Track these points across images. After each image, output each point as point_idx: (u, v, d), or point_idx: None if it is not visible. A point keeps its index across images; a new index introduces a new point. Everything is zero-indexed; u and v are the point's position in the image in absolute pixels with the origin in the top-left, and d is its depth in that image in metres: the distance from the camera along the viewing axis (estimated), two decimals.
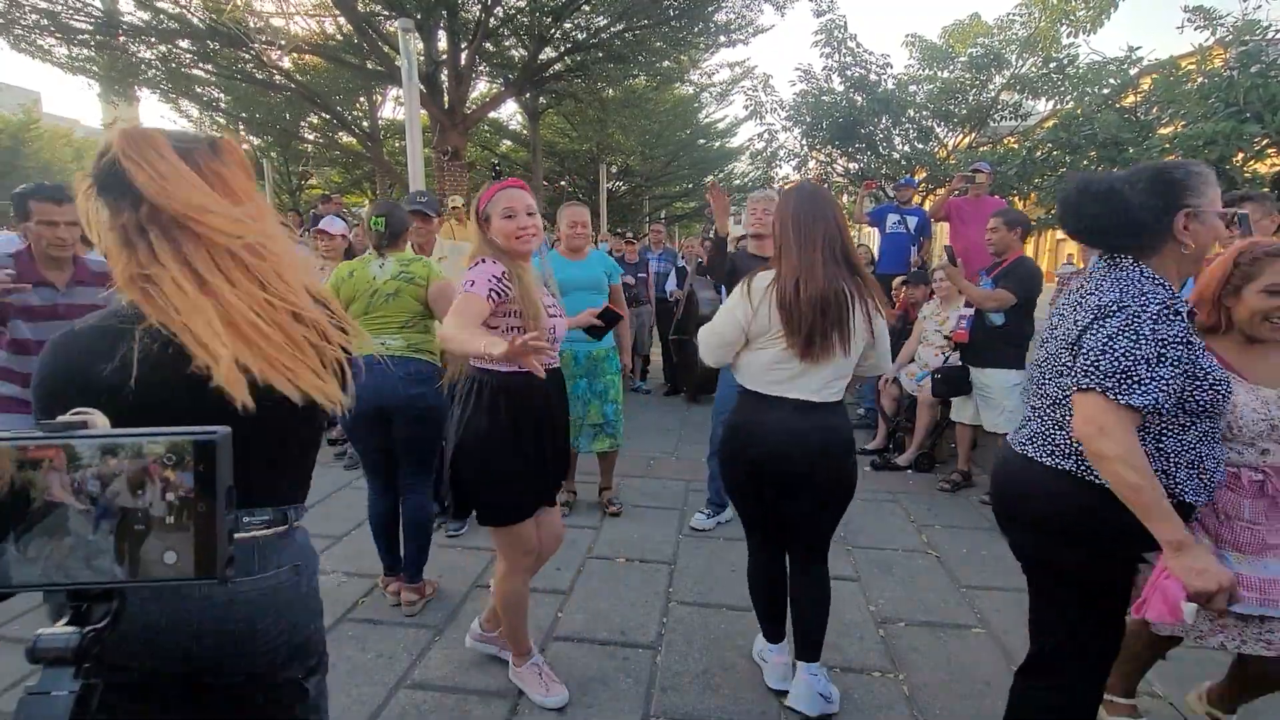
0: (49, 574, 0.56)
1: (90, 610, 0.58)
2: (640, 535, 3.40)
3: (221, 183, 0.94)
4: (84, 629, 0.57)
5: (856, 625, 2.61)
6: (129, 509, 0.55)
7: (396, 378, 2.58)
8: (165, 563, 0.56)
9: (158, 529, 0.55)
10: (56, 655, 0.55)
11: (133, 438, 0.56)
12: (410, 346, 2.67)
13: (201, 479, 0.56)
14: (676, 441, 5.06)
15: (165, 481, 0.55)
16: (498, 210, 1.91)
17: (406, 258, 2.74)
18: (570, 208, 3.55)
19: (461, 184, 10.53)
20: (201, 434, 0.56)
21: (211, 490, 0.56)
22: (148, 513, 0.55)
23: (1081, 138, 5.85)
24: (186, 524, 0.56)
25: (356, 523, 3.53)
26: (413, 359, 2.65)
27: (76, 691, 0.54)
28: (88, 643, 0.56)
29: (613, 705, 2.14)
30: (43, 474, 0.55)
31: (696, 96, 20.70)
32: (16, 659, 2.22)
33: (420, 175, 6.20)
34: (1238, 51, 5.22)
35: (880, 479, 4.31)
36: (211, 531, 0.56)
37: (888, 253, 6.25)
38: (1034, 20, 9.16)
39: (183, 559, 0.56)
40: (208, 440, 0.56)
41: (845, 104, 9.76)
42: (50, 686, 0.54)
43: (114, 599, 0.59)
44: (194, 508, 0.56)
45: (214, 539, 0.56)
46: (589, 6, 10.62)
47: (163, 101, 13.47)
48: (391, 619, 2.63)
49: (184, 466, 0.56)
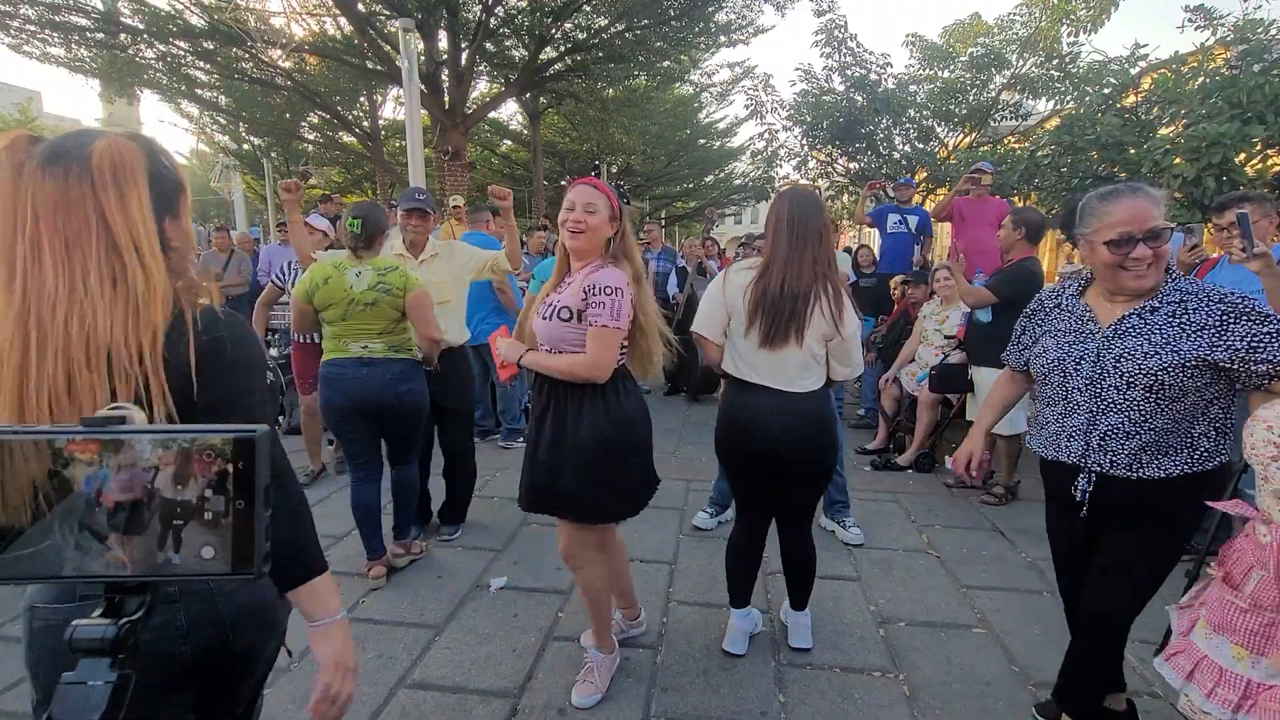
0: (88, 566, 0.57)
1: (124, 602, 0.59)
2: (640, 535, 3.40)
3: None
4: (119, 620, 0.58)
5: (856, 625, 2.61)
6: (168, 503, 0.56)
7: (384, 379, 2.74)
8: (203, 557, 0.56)
9: (196, 524, 0.56)
10: (93, 645, 0.56)
11: (173, 433, 0.57)
12: (391, 348, 2.79)
13: (241, 476, 0.56)
14: (677, 441, 5.06)
15: (205, 477, 0.56)
16: (564, 205, 1.97)
17: (383, 266, 2.75)
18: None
19: (462, 184, 10.54)
20: (241, 431, 0.57)
21: (250, 487, 0.57)
22: (187, 507, 0.56)
23: (1083, 140, 5.84)
24: (225, 519, 0.56)
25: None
26: (396, 360, 2.79)
27: (113, 681, 0.55)
28: (123, 634, 0.57)
29: (613, 705, 2.14)
30: (82, 468, 0.56)
31: (697, 96, 20.68)
32: (18, 659, 2.23)
33: (421, 175, 6.21)
34: (1239, 50, 5.22)
35: (880, 479, 4.31)
36: (249, 527, 0.57)
37: (888, 252, 6.25)
38: (1034, 20, 9.16)
39: (219, 554, 0.56)
40: (247, 437, 0.57)
41: (845, 104, 9.76)
42: (87, 676, 0.55)
43: (147, 592, 0.60)
44: (233, 504, 0.56)
45: (252, 535, 0.57)
46: (589, 6, 10.61)
47: (163, 101, 13.48)
48: (392, 619, 2.63)
49: (224, 463, 0.56)
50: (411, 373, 2.83)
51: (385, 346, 2.76)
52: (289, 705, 2.12)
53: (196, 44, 10.39)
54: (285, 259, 6.50)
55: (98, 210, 0.89)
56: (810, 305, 2.04)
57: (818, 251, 2.06)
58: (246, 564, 0.57)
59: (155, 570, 0.57)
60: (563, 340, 1.93)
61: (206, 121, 16.11)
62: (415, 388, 2.83)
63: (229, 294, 6.97)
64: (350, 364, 2.73)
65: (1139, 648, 2.29)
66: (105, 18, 9.57)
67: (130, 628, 0.58)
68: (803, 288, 2.04)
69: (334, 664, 1.05)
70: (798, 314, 2.04)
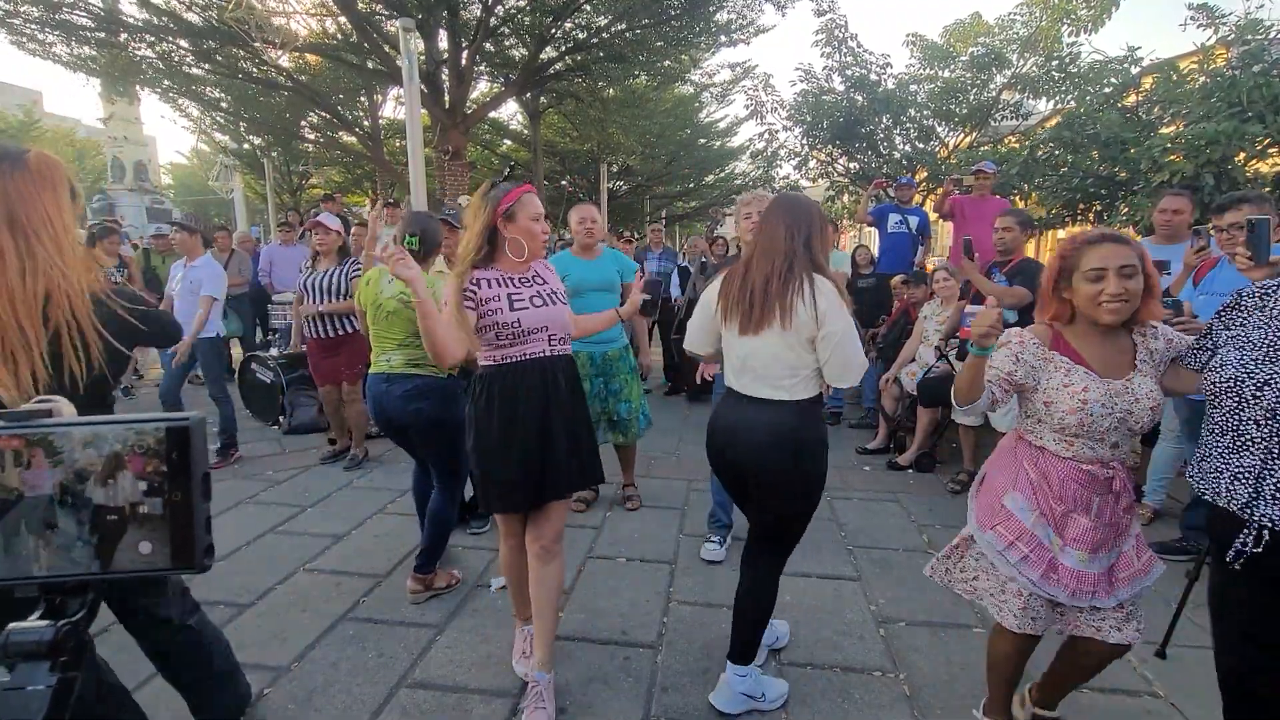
0: (21, 568, 0.54)
1: (64, 603, 0.57)
2: (641, 535, 3.40)
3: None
4: (59, 622, 0.56)
5: (856, 625, 2.61)
6: (101, 499, 0.53)
7: (395, 396, 2.70)
8: (141, 553, 0.54)
9: (132, 519, 0.54)
10: (30, 649, 0.54)
11: (103, 425, 0.54)
12: (409, 362, 2.74)
13: (175, 466, 0.54)
14: (677, 441, 5.06)
15: (138, 469, 0.54)
16: (527, 212, 1.98)
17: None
18: (580, 206, 3.52)
19: (462, 184, 10.54)
20: (174, 420, 0.54)
21: (187, 477, 0.54)
22: (120, 502, 0.54)
23: (1084, 137, 5.84)
24: (161, 513, 0.54)
25: (357, 522, 3.53)
26: (412, 375, 2.72)
27: (54, 685, 0.53)
28: (63, 636, 0.55)
29: (613, 705, 2.14)
30: (9, 465, 0.53)
31: (697, 96, 20.67)
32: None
33: (421, 175, 6.20)
34: (1240, 51, 5.21)
35: (880, 479, 4.31)
36: (188, 520, 0.54)
37: (889, 252, 6.25)
38: (1035, 19, 9.15)
39: (158, 549, 0.54)
40: (181, 426, 0.54)
41: (846, 104, 9.76)
42: (25, 681, 0.53)
43: (88, 591, 0.58)
44: (169, 496, 0.54)
45: (191, 527, 0.54)
46: (590, 6, 10.60)
47: (163, 101, 13.49)
48: (391, 619, 2.63)
49: (157, 453, 0.54)
50: (427, 390, 2.70)
51: (404, 361, 2.73)
52: (289, 705, 2.12)
53: (196, 43, 10.40)
54: (288, 260, 6.50)
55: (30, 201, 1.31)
56: (790, 290, 1.86)
57: (795, 244, 1.90)
58: (186, 558, 0.55)
59: (91, 569, 0.54)
60: (559, 322, 2.06)
61: (207, 121, 16.09)
62: (426, 407, 2.68)
63: (229, 293, 6.95)
64: (376, 379, 2.78)
65: (1139, 648, 2.28)
66: (106, 16, 9.57)
67: (71, 629, 0.56)
68: (777, 269, 1.87)
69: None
70: (770, 295, 1.87)
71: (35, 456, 0.53)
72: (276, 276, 6.39)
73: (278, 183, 19.63)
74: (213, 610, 2.64)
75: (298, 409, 5.21)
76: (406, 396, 2.68)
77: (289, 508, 3.73)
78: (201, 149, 24.07)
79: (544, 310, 2.01)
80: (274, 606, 2.72)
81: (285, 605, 2.73)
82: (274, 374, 5.25)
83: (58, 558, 0.54)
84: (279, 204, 18.05)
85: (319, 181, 21.73)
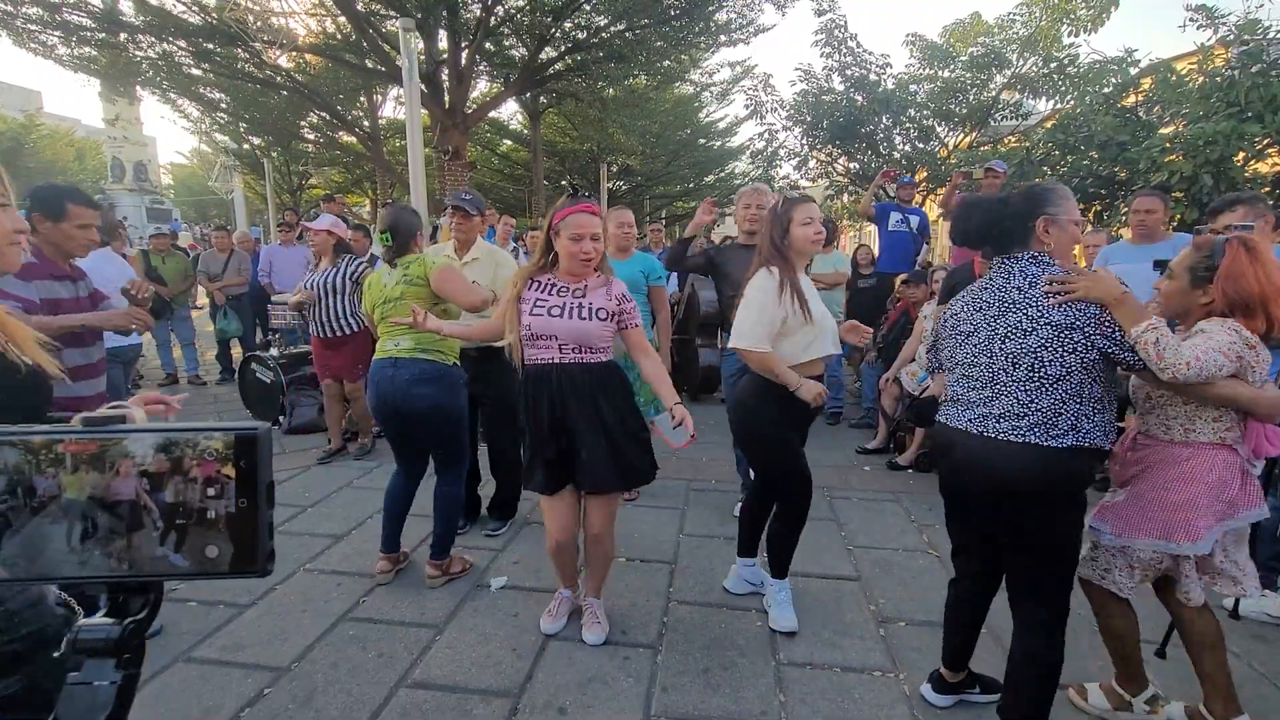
0: (91, 566, 0.56)
1: (128, 602, 0.59)
2: (640, 535, 3.40)
3: None
4: (124, 621, 0.58)
5: (856, 625, 2.61)
6: (170, 502, 0.55)
7: (403, 380, 2.71)
8: (206, 556, 0.56)
9: (199, 523, 0.56)
10: (99, 646, 0.56)
11: (174, 431, 0.56)
12: (418, 347, 2.75)
13: (242, 473, 0.56)
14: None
15: (207, 475, 0.56)
16: (568, 231, 2.15)
17: (406, 260, 2.82)
18: (617, 210, 3.73)
19: (462, 183, 10.53)
20: (243, 428, 0.56)
21: (253, 484, 0.56)
22: (189, 507, 0.56)
23: (1080, 139, 5.84)
24: (227, 519, 0.56)
25: (357, 522, 3.53)
26: (420, 359, 2.74)
27: (118, 682, 0.55)
28: (128, 634, 0.57)
29: (613, 705, 2.14)
30: (83, 469, 0.55)
31: (697, 96, 20.68)
32: None
33: (421, 175, 6.19)
34: (1239, 51, 5.22)
35: (880, 479, 4.31)
36: (254, 525, 0.56)
37: (889, 250, 6.24)
38: (1035, 19, 9.16)
39: (222, 553, 0.56)
40: (249, 435, 0.56)
41: (845, 103, 9.77)
42: (93, 677, 0.55)
43: (151, 591, 0.60)
44: (235, 502, 0.56)
45: (255, 533, 0.56)
46: (589, 6, 10.61)
47: (163, 102, 13.49)
48: (391, 618, 2.63)
49: (226, 460, 0.56)
50: (432, 374, 2.72)
51: (413, 345, 2.73)
52: (289, 705, 2.13)
53: (196, 43, 10.40)
54: (287, 260, 6.50)
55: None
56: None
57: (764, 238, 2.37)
58: (249, 563, 0.57)
59: (158, 570, 0.56)
60: (596, 337, 2.21)
61: (207, 122, 16.10)
62: (430, 391, 2.69)
63: (229, 293, 6.97)
64: (382, 364, 2.76)
65: (1140, 648, 2.29)
66: (106, 15, 9.58)
67: (135, 628, 0.58)
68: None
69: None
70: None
71: (108, 460, 0.55)
72: (276, 277, 6.39)
73: (278, 183, 19.64)
74: (213, 610, 2.65)
75: (298, 409, 5.21)
76: (413, 380, 2.69)
77: (289, 508, 3.73)
78: (202, 149, 24.09)
79: (557, 321, 2.17)
80: (274, 606, 2.72)
81: (285, 605, 2.73)
82: (274, 374, 5.25)
83: (124, 558, 0.56)
84: (279, 204, 18.04)
85: (319, 181, 21.73)
